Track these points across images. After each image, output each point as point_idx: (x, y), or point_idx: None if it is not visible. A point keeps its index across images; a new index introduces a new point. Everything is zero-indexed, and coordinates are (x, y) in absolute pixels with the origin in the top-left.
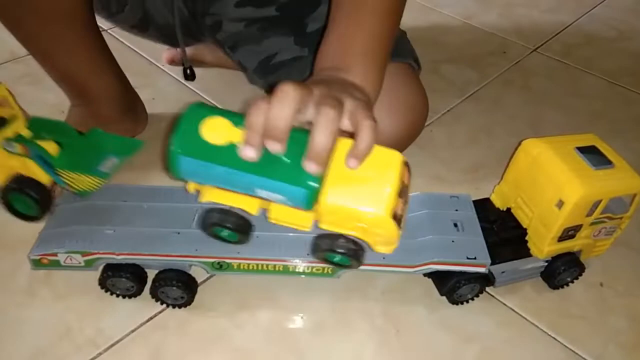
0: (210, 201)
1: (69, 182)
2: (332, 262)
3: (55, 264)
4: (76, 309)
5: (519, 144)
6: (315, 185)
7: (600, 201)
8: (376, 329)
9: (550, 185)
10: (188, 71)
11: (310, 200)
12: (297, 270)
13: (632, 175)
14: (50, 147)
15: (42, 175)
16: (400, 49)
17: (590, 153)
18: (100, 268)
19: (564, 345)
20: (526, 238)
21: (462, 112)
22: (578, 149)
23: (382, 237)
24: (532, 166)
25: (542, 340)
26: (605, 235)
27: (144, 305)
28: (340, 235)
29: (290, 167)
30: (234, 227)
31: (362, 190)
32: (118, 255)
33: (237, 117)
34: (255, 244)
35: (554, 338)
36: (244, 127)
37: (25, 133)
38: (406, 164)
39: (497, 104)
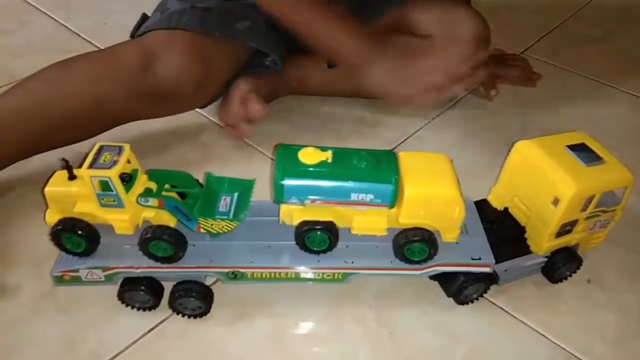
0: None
1: (207, 228)
2: (411, 261)
3: (77, 280)
4: (79, 322)
5: (511, 145)
6: (396, 179)
7: (593, 196)
8: (369, 333)
9: (544, 184)
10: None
11: (394, 195)
12: (308, 276)
13: (621, 169)
14: (175, 197)
15: (171, 222)
16: None
17: (581, 150)
18: (119, 282)
19: (552, 342)
20: (525, 236)
21: (452, 117)
22: (569, 147)
23: (451, 222)
24: (526, 166)
25: (530, 337)
26: (600, 227)
27: (145, 316)
28: (414, 228)
29: (374, 172)
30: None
31: (432, 181)
32: (137, 268)
33: (319, 147)
34: (267, 253)
35: (543, 335)
36: (327, 150)
37: (153, 186)
38: (452, 161)
39: (486, 108)
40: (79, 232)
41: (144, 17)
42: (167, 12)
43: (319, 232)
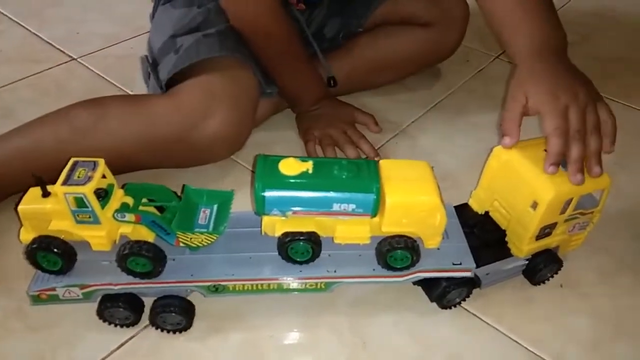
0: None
1: (186, 242)
2: (393, 268)
3: (54, 299)
4: (49, 340)
5: (490, 150)
6: (377, 188)
7: (571, 199)
8: (344, 343)
9: (523, 188)
10: (332, 82)
11: (376, 204)
12: (290, 287)
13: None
14: (152, 211)
15: (149, 237)
16: None
17: None
18: (98, 299)
19: (525, 348)
20: (506, 239)
21: (427, 122)
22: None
23: (433, 229)
24: (505, 171)
25: (504, 344)
26: (579, 229)
27: (116, 332)
28: (396, 235)
29: (355, 182)
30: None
31: (413, 189)
32: (115, 285)
33: (300, 158)
34: (248, 265)
35: (516, 341)
36: (307, 161)
37: (129, 201)
38: (432, 168)
39: (461, 112)
40: (55, 250)
41: (150, 62)
42: (182, 49)
43: (302, 243)
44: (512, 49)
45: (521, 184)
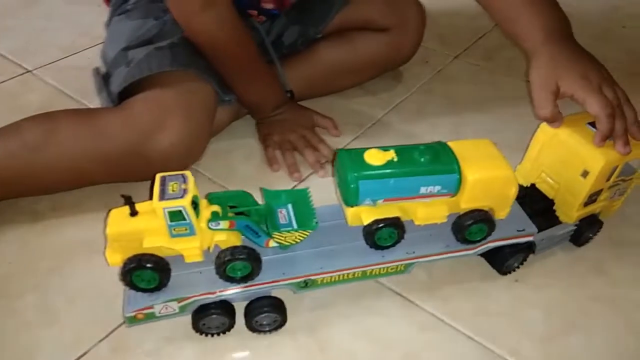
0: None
1: (280, 241)
2: (469, 241)
3: (151, 317)
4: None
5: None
6: (459, 168)
7: (617, 167)
8: (300, 348)
9: (573, 158)
10: (289, 94)
11: (458, 183)
12: (374, 273)
13: (637, 142)
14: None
15: (238, 242)
16: None
17: None
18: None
19: (481, 344)
20: (554, 207)
21: (386, 124)
22: (589, 124)
23: (507, 200)
24: (553, 143)
25: (460, 341)
26: (618, 195)
27: (66, 347)
28: (474, 210)
29: (438, 165)
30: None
31: (489, 165)
32: (214, 293)
33: (381, 147)
34: (333, 257)
35: (471, 338)
36: (389, 150)
37: (218, 209)
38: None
39: (420, 113)
40: (152, 266)
41: (101, 74)
42: (134, 62)
43: (389, 229)
44: (525, 38)
45: (570, 155)
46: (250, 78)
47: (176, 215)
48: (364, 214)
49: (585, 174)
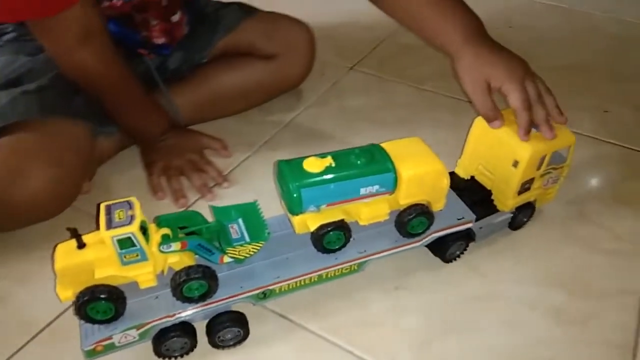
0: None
1: (234, 256)
2: (412, 234)
3: (110, 348)
4: None
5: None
6: (393, 166)
7: (545, 156)
8: None
9: (505, 150)
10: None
11: (395, 180)
12: (329, 276)
13: (565, 131)
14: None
15: (192, 262)
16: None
17: None
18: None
19: (359, 357)
20: (492, 197)
21: (280, 141)
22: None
23: (441, 192)
24: (486, 138)
25: (339, 355)
26: (552, 183)
27: None
28: (412, 205)
29: (374, 165)
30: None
31: (421, 161)
32: (173, 316)
33: (319, 155)
34: (288, 265)
35: (350, 352)
36: (326, 156)
37: (168, 232)
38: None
39: (314, 128)
40: (106, 297)
41: None
42: None
43: (335, 232)
44: (445, 39)
45: (502, 148)
46: (132, 107)
47: (126, 243)
48: (310, 221)
49: (515, 164)
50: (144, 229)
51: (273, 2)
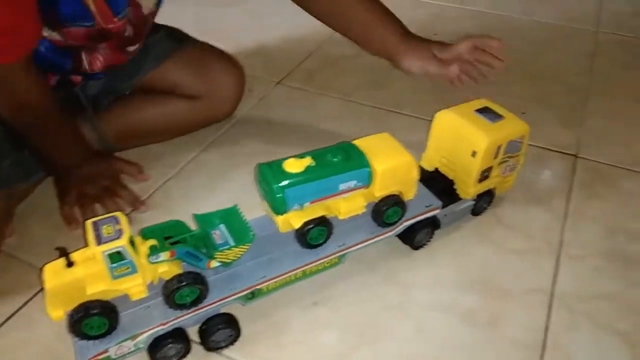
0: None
1: (222, 260)
2: (388, 224)
3: None
4: None
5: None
6: (368, 161)
7: (501, 145)
8: None
9: (464, 141)
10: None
11: (370, 175)
12: (312, 270)
13: (519, 122)
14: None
15: (179, 270)
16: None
17: (486, 112)
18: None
19: None
20: (454, 187)
21: (203, 161)
22: (476, 111)
23: (411, 182)
24: (447, 131)
25: None
26: (510, 171)
27: None
28: (387, 196)
29: (350, 162)
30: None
31: (391, 154)
32: (166, 324)
33: (298, 155)
34: (273, 263)
35: None
36: (305, 157)
37: (155, 243)
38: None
39: (237, 145)
40: (100, 312)
41: None
42: None
43: (319, 227)
44: (383, 38)
45: (461, 139)
46: (57, 137)
47: (116, 257)
48: (294, 219)
49: (474, 154)
50: (131, 242)
51: (203, 17)
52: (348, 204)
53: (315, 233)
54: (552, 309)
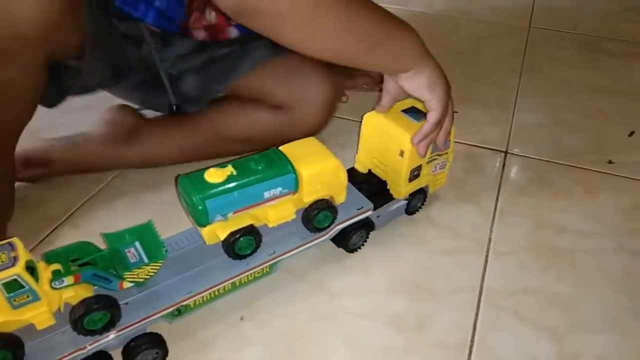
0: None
1: (133, 279)
2: (319, 229)
3: None
4: None
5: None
6: (293, 167)
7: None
8: None
9: (391, 142)
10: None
11: (296, 180)
12: (242, 282)
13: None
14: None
15: (89, 293)
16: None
17: (411, 112)
18: None
19: None
20: (387, 187)
21: (125, 177)
22: (403, 111)
23: (340, 185)
24: (375, 132)
25: None
26: (440, 169)
27: None
28: (317, 201)
29: (274, 169)
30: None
31: (317, 159)
32: (85, 348)
33: (218, 165)
34: (199, 278)
35: None
36: (226, 166)
37: (59, 267)
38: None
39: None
40: (3, 346)
41: None
42: None
43: (246, 237)
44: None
45: (390, 140)
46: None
47: (12, 285)
48: (219, 230)
49: (402, 153)
50: (31, 269)
51: None
52: (276, 211)
53: (244, 243)
54: (480, 307)
